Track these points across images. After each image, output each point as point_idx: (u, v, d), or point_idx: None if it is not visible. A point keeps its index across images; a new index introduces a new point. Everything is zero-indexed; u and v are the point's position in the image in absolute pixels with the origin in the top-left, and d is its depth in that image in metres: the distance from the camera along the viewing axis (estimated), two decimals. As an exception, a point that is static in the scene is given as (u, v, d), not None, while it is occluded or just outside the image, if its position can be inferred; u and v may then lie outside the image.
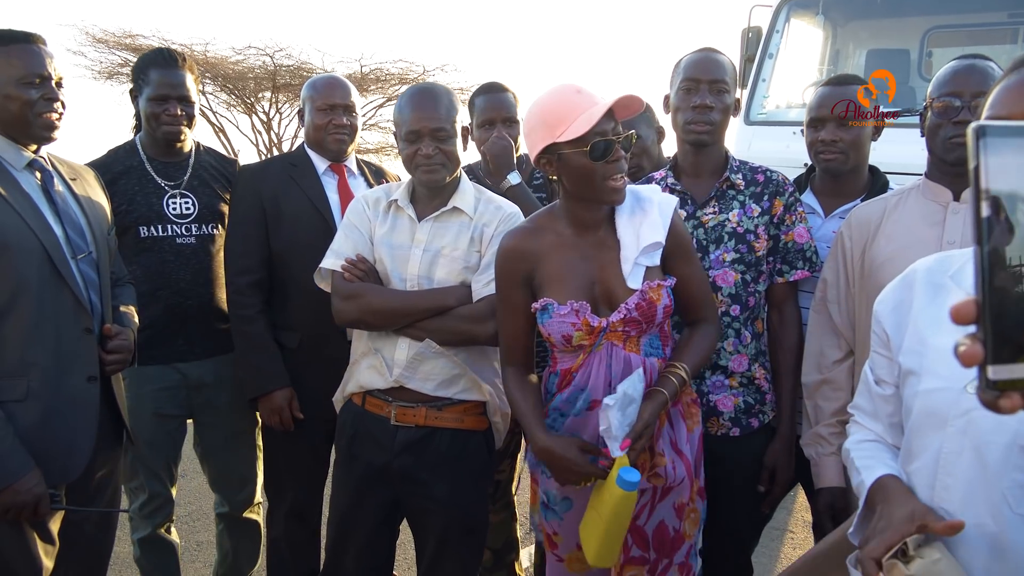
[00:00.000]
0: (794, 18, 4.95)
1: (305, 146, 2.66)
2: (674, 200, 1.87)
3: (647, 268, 1.80)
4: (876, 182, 2.27)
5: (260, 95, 20.46)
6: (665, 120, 2.37)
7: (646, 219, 1.81)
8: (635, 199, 1.83)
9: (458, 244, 2.04)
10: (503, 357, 1.92)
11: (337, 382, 2.19)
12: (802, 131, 2.34)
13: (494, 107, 2.60)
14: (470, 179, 2.18)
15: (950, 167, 1.87)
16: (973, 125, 0.58)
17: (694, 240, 2.10)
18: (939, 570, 1.06)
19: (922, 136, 1.95)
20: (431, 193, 2.08)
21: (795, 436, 2.16)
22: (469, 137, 2.22)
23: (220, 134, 20.36)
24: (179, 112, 2.49)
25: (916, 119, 2.04)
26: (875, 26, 5.20)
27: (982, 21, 4.73)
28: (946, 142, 1.85)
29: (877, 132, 2.26)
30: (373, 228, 2.11)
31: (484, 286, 2.00)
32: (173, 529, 2.71)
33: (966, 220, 1.86)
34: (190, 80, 2.53)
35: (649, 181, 2.22)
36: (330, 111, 2.56)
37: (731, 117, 2.19)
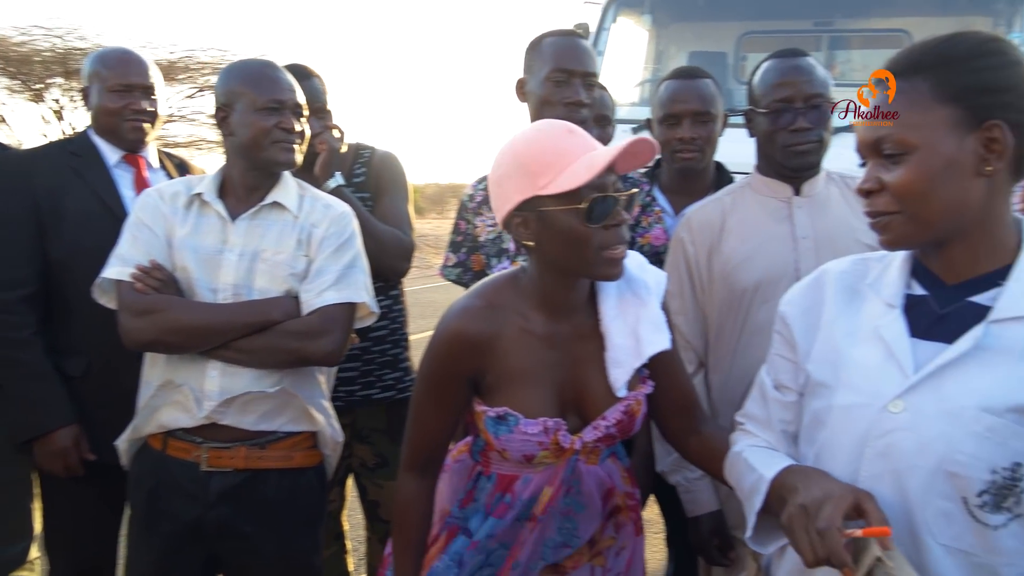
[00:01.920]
0: (622, 16, 4.99)
1: (91, 132, 2.24)
2: (664, 276, 1.50)
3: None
4: (722, 179, 2.24)
5: (49, 81, 18.45)
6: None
7: (644, 311, 1.42)
8: (624, 277, 1.40)
9: (281, 247, 1.76)
10: (406, 459, 1.50)
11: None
12: (636, 129, 2.26)
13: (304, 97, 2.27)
14: None
15: (792, 172, 1.84)
16: None
17: None
18: None
19: (750, 136, 1.92)
20: (248, 187, 1.79)
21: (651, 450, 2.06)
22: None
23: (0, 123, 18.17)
24: None
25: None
26: (696, 28, 5.36)
27: (791, 28, 4.99)
28: (785, 149, 1.81)
29: (722, 128, 2.23)
30: (171, 228, 1.77)
31: (317, 296, 1.74)
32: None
33: (812, 214, 1.85)
34: None
35: None
36: (126, 93, 2.17)
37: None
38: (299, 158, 1.82)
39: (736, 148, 2.21)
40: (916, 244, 1.12)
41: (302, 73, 2.26)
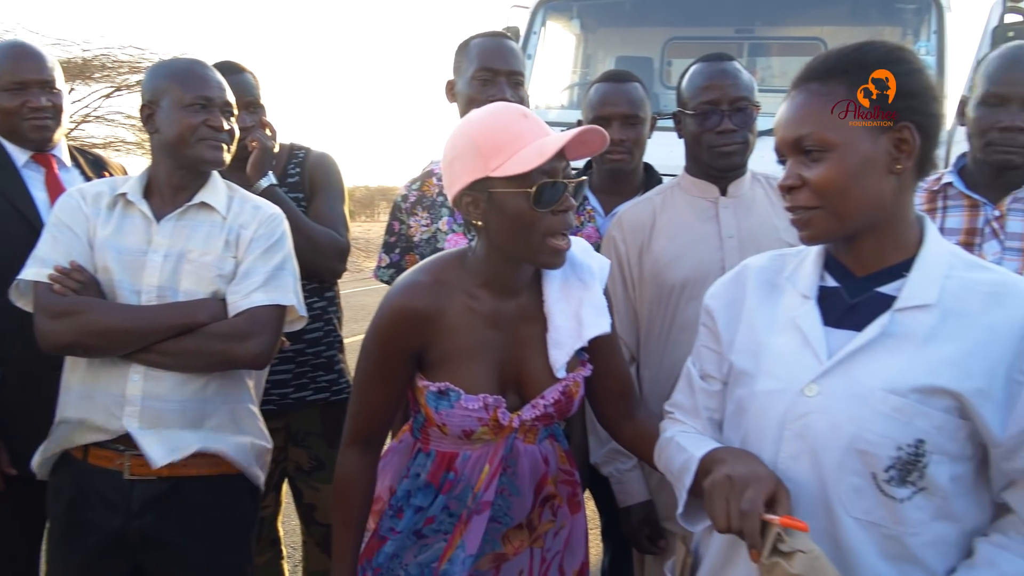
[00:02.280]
0: (550, 21, 5.05)
1: (-6, 133, 2.15)
2: (607, 263, 1.56)
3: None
4: (651, 179, 2.30)
5: (-47, 79, 17.46)
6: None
7: (587, 295, 1.46)
8: (568, 262, 1.44)
9: (209, 248, 1.73)
10: (348, 434, 1.51)
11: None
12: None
13: (234, 91, 2.23)
14: None
15: (718, 172, 1.91)
16: None
17: None
18: (822, 566, 1.00)
19: (679, 138, 1.98)
20: (174, 187, 1.76)
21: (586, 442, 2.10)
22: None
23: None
24: None
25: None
26: (623, 34, 5.47)
27: (714, 35, 5.14)
28: (712, 150, 1.89)
29: (651, 130, 2.29)
30: (93, 229, 1.72)
31: (244, 297, 1.70)
32: None
33: (737, 214, 1.92)
34: None
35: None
36: (22, 91, 2.07)
37: None
38: (227, 157, 1.78)
39: (666, 151, 2.28)
40: (833, 238, 1.19)
41: (233, 68, 2.22)
